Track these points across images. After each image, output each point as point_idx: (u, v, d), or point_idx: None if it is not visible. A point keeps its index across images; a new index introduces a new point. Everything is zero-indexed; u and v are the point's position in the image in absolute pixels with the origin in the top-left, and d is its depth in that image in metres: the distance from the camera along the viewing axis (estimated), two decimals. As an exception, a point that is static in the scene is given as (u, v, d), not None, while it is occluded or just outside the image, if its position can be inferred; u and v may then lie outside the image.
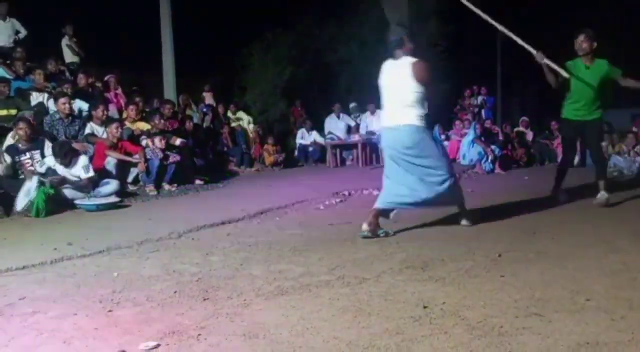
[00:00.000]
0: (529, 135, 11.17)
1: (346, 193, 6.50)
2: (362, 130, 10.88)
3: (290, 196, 6.16)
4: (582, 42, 5.05)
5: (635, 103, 14.15)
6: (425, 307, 2.41)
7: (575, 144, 5.96)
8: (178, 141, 7.61)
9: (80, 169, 6.07)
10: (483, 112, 12.45)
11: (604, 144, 9.48)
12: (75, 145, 6.51)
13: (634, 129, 9.94)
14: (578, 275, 2.84)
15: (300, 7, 13.77)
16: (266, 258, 3.47)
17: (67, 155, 6.07)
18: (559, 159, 10.09)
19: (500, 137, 10.35)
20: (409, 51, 4.05)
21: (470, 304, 2.44)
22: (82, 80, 8.54)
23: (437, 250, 3.49)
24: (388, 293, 2.64)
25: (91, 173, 6.09)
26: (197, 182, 7.43)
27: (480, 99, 12.81)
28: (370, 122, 10.94)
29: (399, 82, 4.02)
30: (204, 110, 10.44)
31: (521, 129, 11.23)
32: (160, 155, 6.97)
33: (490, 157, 9.19)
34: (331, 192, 6.46)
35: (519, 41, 4.96)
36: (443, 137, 10.96)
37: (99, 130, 7.09)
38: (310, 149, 11.09)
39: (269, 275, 3.05)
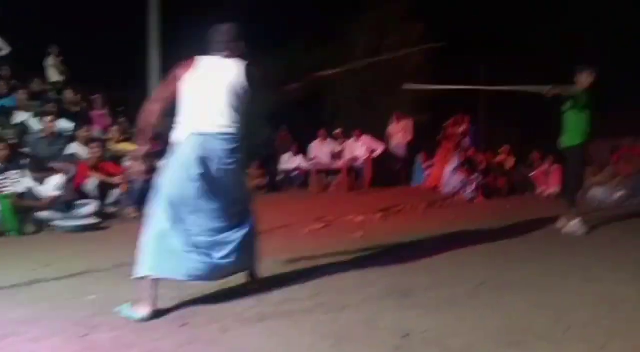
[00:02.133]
0: (510, 164, 11.32)
1: (330, 218, 6.49)
2: (347, 156, 10.93)
3: (273, 220, 6.12)
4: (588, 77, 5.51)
5: (614, 135, 14.49)
6: (406, 335, 2.39)
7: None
8: (162, 163, 7.55)
9: (51, 187, 5.97)
10: (466, 140, 12.61)
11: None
12: (56, 165, 6.43)
13: (614, 160, 10.12)
14: (559, 304, 2.85)
15: (288, 31, 13.97)
16: (247, 283, 3.42)
17: (40, 172, 5.98)
18: (539, 189, 10.28)
19: (483, 166, 10.47)
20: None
21: (451, 332, 2.43)
22: (68, 99, 8.50)
23: (420, 277, 3.48)
24: (370, 320, 2.62)
25: (58, 192, 5.95)
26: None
27: (463, 127, 12.98)
28: (354, 148, 11.00)
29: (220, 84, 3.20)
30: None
31: (503, 157, 11.38)
32: (143, 177, 6.90)
33: (472, 186, 9.27)
34: (314, 217, 6.44)
35: (524, 89, 5.19)
36: (426, 165, 11.07)
37: (82, 151, 7.02)
38: (295, 173, 11.09)
39: (249, 301, 3.00)
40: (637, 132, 12.16)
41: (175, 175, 3.01)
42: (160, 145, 8.34)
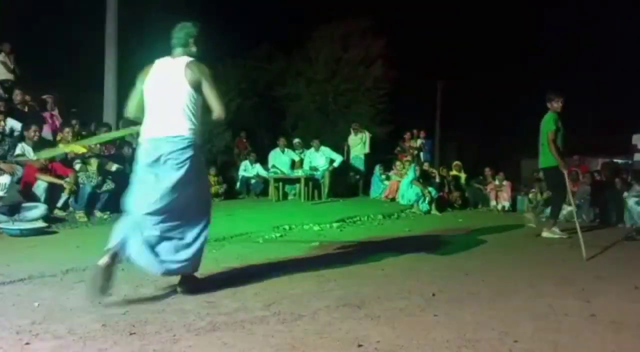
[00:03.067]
0: (462, 179, 11.62)
1: (287, 227, 6.46)
2: (306, 166, 10.94)
3: (229, 228, 6.05)
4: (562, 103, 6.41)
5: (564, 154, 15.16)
6: (359, 345, 2.40)
7: None
8: (114, 167, 7.35)
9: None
10: (422, 154, 12.87)
11: (533, 192, 10.02)
12: (2, 165, 6.16)
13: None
14: (507, 317, 2.93)
15: (252, 39, 13.94)
16: (199, 292, 3.35)
17: None
18: (491, 203, 10.57)
19: (437, 180, 10.70)
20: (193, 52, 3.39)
21: (403, 343, 2.45)
22: (17, 98, 8.17)
23: (374, 288, 3.51)
24: (323, 331, 2.61)
25: (1, 193, 5.76)
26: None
27: (419, 141, 13.26)
28: (313, 158, 11.04)
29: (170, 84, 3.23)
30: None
31: (454, 172, 11.67)
32: (94, 180, 6.70)
33: (427, 199, 9.45)
34: (272, 226, 6.40)
35: None
36: (384, 177, 11.22)
37: (30, 151, 6.75)
38: (253, 181, 11.01)
39: (202, 310, 2.94)
40: (583, 151, 12.74)
41: (133, 179, 3.25)
42: (113, 148, 8.16)
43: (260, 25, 14.54)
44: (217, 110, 3.27)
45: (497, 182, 10.74)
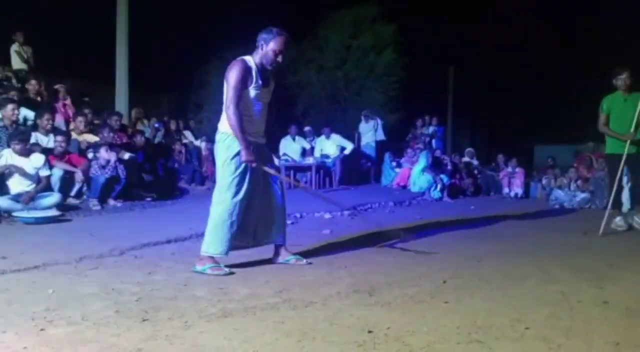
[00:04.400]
0: (474, 166, 11.55)
1: (298, 215, 6.48)
2: (317, 154, 10.93)
3: (240, 216, 6.07)
4: (626, 79, 5.67)
5: (578, 140, 14.97)
6: (370, 332, 2.40)
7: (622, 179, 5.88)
8: (126, 155, 7.40)
9: (42, 164, 6.05)
10: (434, 141, 12.79)
11: (546, 178, 9.92)
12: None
13: (576, 164, 10.43)
14: (518, 303, 2.91)
15: (260, 28, 13.88)
16: (211, 279, 3.38)
17: (24, 142, 6.01)
18: (504, 190, 10.50)
19: (449, 167, 10.64)
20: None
21: (414, 329, 2.45)
22: (31, 88, 8.24)
23: (385, 275, 3.51)
24: (334, 317, 2.62)
25: (50, 172, 6.11)
26: (147, 199, 7.24)
27: (431, 128, 13.17)
28: (324, 146, 11.02)
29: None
30: (156, 126, 10.23)
31: (466, 159, 11.59)
32: (108, 170, 6.76)
33: (439, 186, 9.41)
34: (282, 214, 6.41)
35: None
36: (395, 164, 11.18)
37: (44, 140, 6.82)
38: (265, 169, 11.03)
39: (213, 296, 2.97)
40: (598, 137, 12.56)
41: None
42: (125, 137, 8.21)
43: (270, 14, 14.48)
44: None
45: (510, 169, 10.65)
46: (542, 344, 2.29)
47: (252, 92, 3.62)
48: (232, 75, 3.53)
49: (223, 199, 3.56)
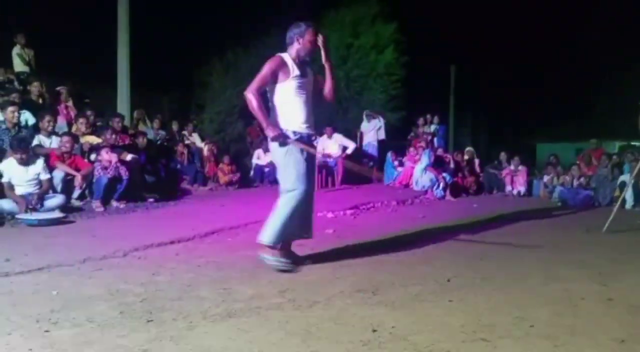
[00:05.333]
0: (476, 164, 11.53)
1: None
2: (319, 153, 10.92)
3: (243, 216, 6.09)
4: None
5: (580, 138, 14.96)
6: (374, 331, 2.41)
7: None
8: (129, 157, 7.41)
9: (41, 170, 6.03)
10: (435, 140, 12.77)
11: (548, 176, 9.90)
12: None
13: (578, 161, 10.41)
14: (522, 301, 2.91)
15: (262, 27, 13.86)
16: (215, 279, 3.39)
17: (27, 151, 6.00)
18: (506, 188, 10.48)
19: (452, 165, 10.62)
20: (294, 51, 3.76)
21: (418, 328, 2.46)
22: (33, 90, 8.25)
23: (388, 274, 3.51)
24: (338, 317, 2.63)
25: (49, 175, 6.10)
26: (149, 200, 7.25)
27: (433, 127, 13.15)
28: (326, 145, 11.01)
29: None
30: (161, 133, 10.26)
31: (467, 157, 11.57)
32: (109, 171, 6.76)
33: (441, 184, 9.40)
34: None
35: None
36: (397, 163, 11.16)
37: (46, 142, 6.83)
38: (267, 169, 11.02)
39: (218, 297, 2.97)
40: (600, 135, 12.57)
41: None
42: (128, 138, 8.22)
43: (270, 12, 14.47)
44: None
45: (512, 167, 10.64)
46: (547, 342, 2.29)
47: (294, 83, 3.71)
48: (265, 66, 3.69)
49: (293, 188, 3.65)
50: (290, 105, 3.72)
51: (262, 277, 3.42)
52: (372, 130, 12.13)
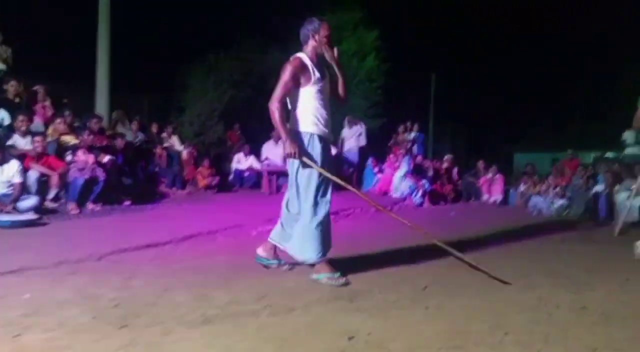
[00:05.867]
0: (454, 173, 11.65)
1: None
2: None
3: (221, 220, 6.05)
4: None
5: (556, 148, 15.24)
6: (350, 338, 2.40)
7: None
8: (106, 158, 7.30)
9: (15, 172, 5.89)
10: (415, 147, 12.87)
11: (524, 185, 10.05)
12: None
13: (554, 171, 10.60)
14: (497, 309, 2.94)
15: (244, 30, 13.84)
16: (191, 285, 3.35)
17: (2, 151, 5.93)
18: (483, 196, 10.61)
19: (430, 173, 10.72)
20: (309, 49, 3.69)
21: (395, 335, 2.46)
22: (11, 89, 8.09)
23: (366, 281, 3.51)
24: (315, 324, 2.62)
25: (22, 178, 5.93)
26: (126, 203, 7.15)
27: (413, 134, 13.25)
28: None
29: None
30: (137, 131, 10.12)
31: (446, 165, 11.69)
32: (86, 172, 6.65)
33: (420, 192, 9.47)
34: (264, 219, 6.39)
35: None
36: (377, 170, 11.22)
37: (21, 142, 6.70)
38: (246, 174, 10.98)
39: (193, 302, 2.94)
40: (576, 146, 12.82)
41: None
42: (105, 140, 8.10)
43: (254, 16, 14.45)
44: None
45: (490, 175, 10.77)
46: (521, 349, 2.32)
47: (315, 87, 3.60)
48: (286, 71, 3.55)
49: (315, 200, 3.54)
50: (311, 110, 3.60)
51: (239, 283, 3.40)
52: (353, 137, 12.16)
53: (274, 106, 3.50)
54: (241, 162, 11.15)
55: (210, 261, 4.12)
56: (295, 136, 3.56)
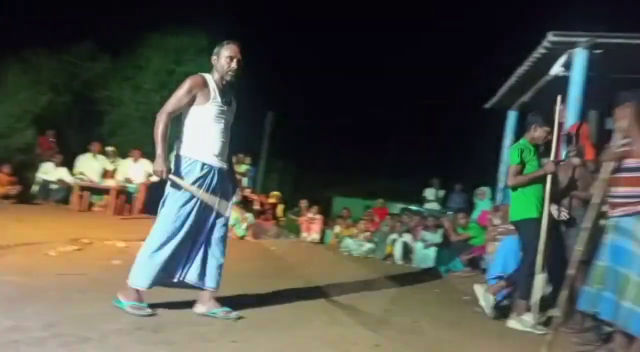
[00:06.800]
0: (279, 209, 11.97)
1: (86, 241, 5.90)
2: (120, 176, 10.20)
3: (15, 235, 5.32)
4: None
5: (370, 196, 16.66)
6: (149, 372, 2.25)
7: None
8: None
9: None
10: (245, 180, 12.95)
11: (339, 227, 10.73)
12: None
13: (366, 217, 11.48)
14: (301, 343, 3.04)
15: (74, 34, 12.80)
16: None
17: None
18: (302, 234, 11.03)
19: (256, 207, 10.85)
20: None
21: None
22: None
23: (174, 312, 3.35)
24: (110, 356, 2.41)
25: None
26: None
27: (244, 167, 13.34)
28: (130, 169, 10.35)
29: None
30: None
31: (272, 201, 11.95)
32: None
33: (244, 225, 9.49)
34: (68, 238, 5.78)
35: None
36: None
37: None
38: (55, 186, 9.89)
39: (-36, 328, 2.50)
40: (386, 196, 14.17)
41: None
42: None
43: (85, 20, 13.48)
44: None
45: (310, 215, 11.26)
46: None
47: (212, 109, 3.38)
48: (183, 85, 3.41)
49: (165, 228, 3.38)
50: (204, 132, 3.38)
51: (27, 308, 2.99)
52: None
53: (161, 117, 3.33)
54: (50, 173, 10.04)
55: (-7, 281, 3.57)
56: (177, 159, 3.39)
